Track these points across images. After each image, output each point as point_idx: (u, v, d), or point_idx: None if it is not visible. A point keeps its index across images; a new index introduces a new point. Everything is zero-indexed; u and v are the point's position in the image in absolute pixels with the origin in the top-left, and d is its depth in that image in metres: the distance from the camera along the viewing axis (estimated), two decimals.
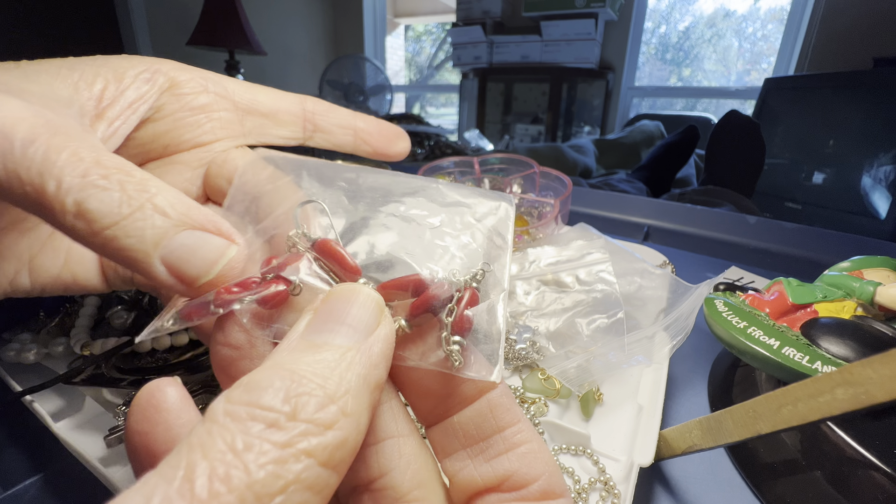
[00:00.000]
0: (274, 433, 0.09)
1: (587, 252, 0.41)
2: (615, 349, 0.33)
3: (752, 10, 2.29)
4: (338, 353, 0.11)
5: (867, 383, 0.16)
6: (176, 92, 0.19)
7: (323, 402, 0.10)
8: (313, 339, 0.12)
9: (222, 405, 0.10)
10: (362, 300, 0.13)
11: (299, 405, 0.10)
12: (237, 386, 0.10)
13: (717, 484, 0.30)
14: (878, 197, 1.16)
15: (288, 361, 0.11)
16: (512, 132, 2.35)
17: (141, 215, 0.13)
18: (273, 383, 0.10)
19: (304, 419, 0.10)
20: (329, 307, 0.12)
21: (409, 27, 3.34)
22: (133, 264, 0.13)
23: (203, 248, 0.13)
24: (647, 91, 2.32)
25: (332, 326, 0.12)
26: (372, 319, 0.12)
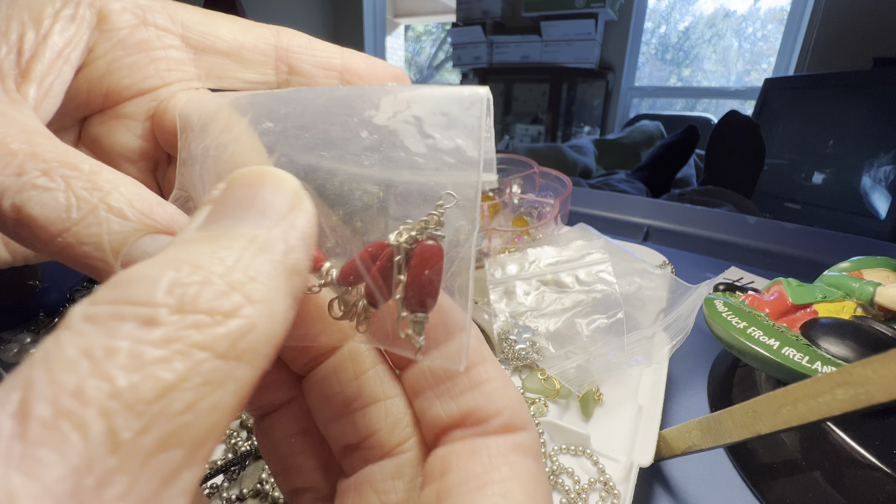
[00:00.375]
0: (150, 331, 0.08)
1: (587, 252, 0.41)
2: (615, 349, 0.33)
3: (752, 10, 2.29)
4: (244, 240, 0.09)
5: (867, 383, 0.16)
6: (105, 27, 0.16)
7: (222, 290, 0.08)
8: (213, 230, 0.10)
9: (81, 308, 0.08)
10: (271, 183, 0.11)
11: (188, 296, 0.08)
12: (103, 285, 0.08)
13: (716, 484, 0.30)
14: (878, 197, 1.16)
15: (177, 253, 0.09)
16: (512, 132, 2.35)
17: (94, 219, 0.11)
18: (150, 275, 0.08)
19: (195, 310, 0.08)
20: (231, 194, 0.10)
21: (409, 27, 3.34)
22: (95, 274, 0.12)
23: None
24: (647, 91, 2.32)
25: (235, 214, 0.10)
26: (285, 203, 0.11)
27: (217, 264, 0.09)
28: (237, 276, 0.09)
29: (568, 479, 0.27)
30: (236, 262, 0.09)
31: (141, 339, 0.07)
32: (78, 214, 0.11)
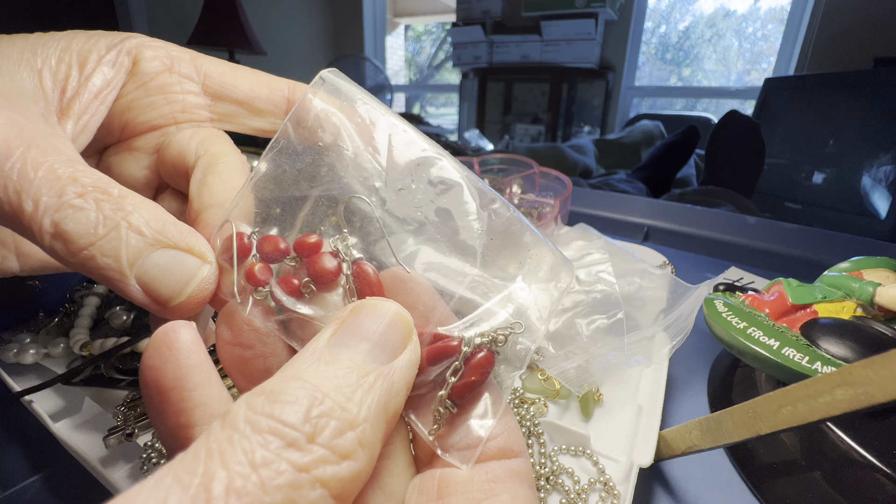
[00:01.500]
0: (293, 453, 0.09)
1: (587, 252, 0.41)
2: (615, 350, 0.33)
3: (752, 9, 2.29)
4: (360, 373, 0.11)
5: (867, 384, 0.16)
6: (135, 71, 0.18)
7: (342, 427, 0.10)
8: (337, 353, 0.11)
9: (244, 412, 0.10)
10: (391, 319, 0.12)
11: (319, 427, 0.10)
12: (259, 392, 0.10)
13: (716, 484, 0.30)
14: (878, 197, 1.16)
15: (311, 373, 0.11)
16: (512, 132, 2.35)
17: (116, 235, 0.13)
18: (296, 397, 0.10)
19: (323, 444, 0.10)
20: (357, 321, 0.12)
21: (409, 27, 3.34)
22: (110, 283, 0.13)
23: (176, 268, 0.13)
24: (647, 91, 2.32)
25: (357, 343, 0.12)
26: (399, 342, 0.12)
27: (340, 396, 0.10)
28: (354, 410, 0.10)
29: (568, 480, 0.27)
30: (352, 392, 0.11)
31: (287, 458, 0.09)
32: (104, 230, 0.13)
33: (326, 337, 0.12)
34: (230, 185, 0.16)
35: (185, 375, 0.12)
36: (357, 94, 0.16)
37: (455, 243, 0.15)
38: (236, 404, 0.10)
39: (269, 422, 0.09)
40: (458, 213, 0.15)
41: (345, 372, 0.11)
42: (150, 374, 0.12)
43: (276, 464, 0.09)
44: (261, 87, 0.20)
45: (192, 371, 0.12)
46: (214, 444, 0.09)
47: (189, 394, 0.12)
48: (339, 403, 0.10)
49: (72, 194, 0.13)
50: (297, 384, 0.10)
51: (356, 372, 0.11)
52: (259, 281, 0.14)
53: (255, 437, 0.09)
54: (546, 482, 0.26)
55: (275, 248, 0.14)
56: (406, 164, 0.15)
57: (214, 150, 0.17)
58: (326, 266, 0.14)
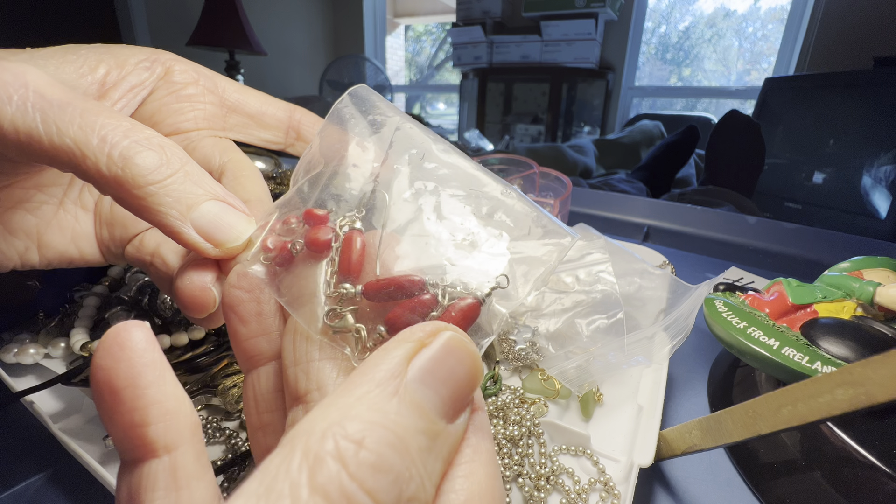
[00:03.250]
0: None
1: (587, 252, 0.41)
2: (615, 350, 0.33)
3: (753, 9, 2.29)
4: (432, 432, 0.10)
5: (867, 384, 0.16)
6: (169, 80, 0.21)
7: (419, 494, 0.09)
8: (417, 397, 0.10)
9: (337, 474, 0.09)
10: (475, 371, 0.12)
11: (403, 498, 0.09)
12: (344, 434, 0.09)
13: (716, 484, 0.30)
14: (878, 197, 1.16)
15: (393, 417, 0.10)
16: (512, 132, 2.35)
17: (180, 179, 0.14)
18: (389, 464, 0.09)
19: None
20: (442, 355, 0.11)
21: (409, 27, 3.34)
22: (164, 223, 0.14)
23: (228, 217, 0.15)
24: (647, 91, 2.32)
25: (438, 387, 0.11)
26: (467, 397, 0.12)
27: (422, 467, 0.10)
28: (429, 490, 0.10)
29: (568, 480, 0.27)
30: (426, 460, 0.10)
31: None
32: (168, 171, 0.14)
33: (402, 357, 0.11)
34: (259, 185, 0.19)
35: (139, 374, 0.11)
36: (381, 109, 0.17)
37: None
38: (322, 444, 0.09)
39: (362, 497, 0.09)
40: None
41: (424, 425, 0.10)
42: (102, 374, 0.12)
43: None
44: (268, 105, 0.23)
45: (145, 369, 0.12)
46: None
47: (143, 391, 0.11)
48: (421, 478, 0.10)
49: (138, 136, 0.14)
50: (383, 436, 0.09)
51: (430, 431, 0.10)
52: (268, 248, 0.15)
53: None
54: (546, 482, 0.26)
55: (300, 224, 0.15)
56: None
57: (238, 158, 0.20)
58: (320, 236, 0.14)
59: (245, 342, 0.15)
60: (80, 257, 0.22)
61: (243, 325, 0.15)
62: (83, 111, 0.14)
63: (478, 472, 0.11)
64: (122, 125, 0.14)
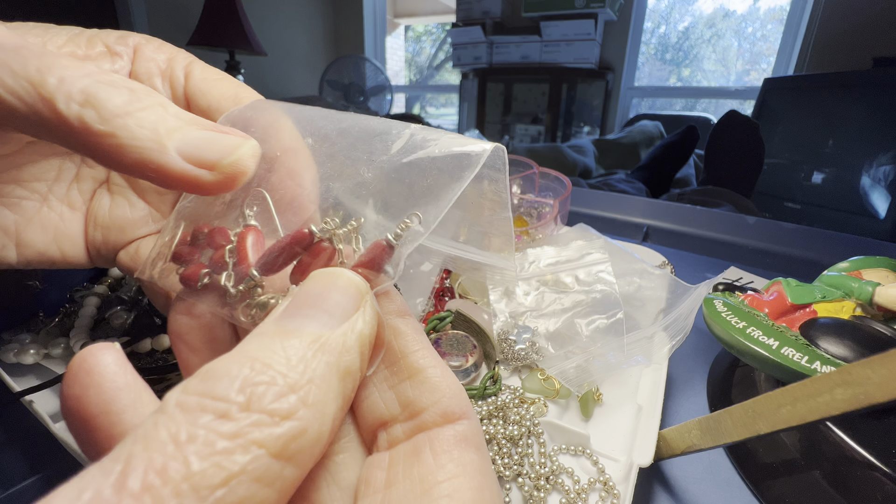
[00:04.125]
0: (223, 424, 0.09)
1: (587, 252, 0.41)
2: (614, 349, 0.33)
3: (752, 10, 2.29)
4: (308, 339, 0.11)
5: (866, 383, 0.16)
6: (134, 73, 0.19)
7: (282, 391, 0.10)
8: (285, 325, 0.11)
9: (175, 395, 0.09)
10: (342, 284, 0.12)
11: (255, 395, 0.09)
12: (195, 376, 0.10)
13: (716, 484, 0.30)
14: (878, 197, 1.16)
15: (254, 349, 0.10)
16: (512, 132, 2.35)
17: (153, 112, 0.13)
18: (230, 371, 0.10)
19: (258, 409, 0.09)
20: (306, 291, 0.12)
21: (409, 27, 3.34)
22: (141, 159, 0.12)
23: (220, 139, 0.13)
24: (646, 91, 2.32)
25: (306, 311, 0.11)
26: (350, 305, 0.12)
27: (283, 364, 0.10)
28: (296, 376, 0.10)
29: (568, 479, 0.27)
30: (298, 361, 0.10)
31: (215, 429, 0.09)
32: (139, 105, 0.13)
33: (277, 313, 0.11)
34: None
35: (111, 399, 0.11)
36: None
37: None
38: (171, 390, 0.10)
39: (199, 399, 0.09)
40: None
41: (294, 342, 0.10)
42: (72, 404, 0.11)
43: (203, 436, 0.09)
44: (227, 101, 0.19)
45: (118, 394, 0.11)
46: (140, 430, 0.09)
47: (118, 417, 0.11)
48: (281, 371, 0.10)
49: (101, 76, 0.13)
50: (235, 359, 0.10)
51: (303, 340, 0.11)
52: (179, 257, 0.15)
53: (182, 416, 0.09)
54: (546, 482, 0.26)
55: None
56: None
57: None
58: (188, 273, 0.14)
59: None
60: (61, 258, 0.20)
61: (194, 353, 0.14)
62: (41, 54, 0.12)
63: (462, 487, 0.11)
64: (83, 67, 0.13)
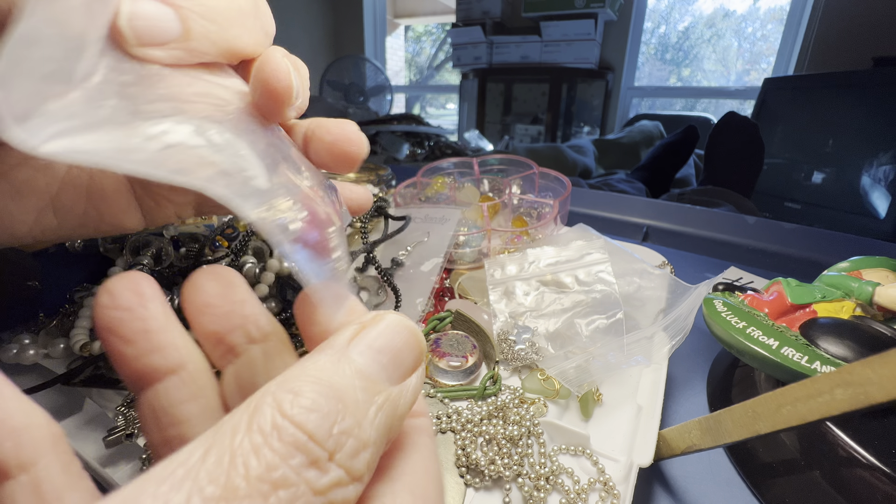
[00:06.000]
0: (312, 473, 0.09)
1: (586, 252, 0.41)
2: (614, 350, 0.33)
3: (752, 10, 2.29)
4: (373, 389, 0.11)
5: (866, 383, 0.16)
6: None
7: (357, 447, 0.10)
8: (356, 360, 0.11)
9: (271, 414, 0.09)
10: (409, 338, 0.12)
11: (339, 445, 0.09)
12: (287, 390, 0.10)
13: (716, 484, 0.30)
14: (878, 197, 1.16)
15: (335, 378, 0.10)
16: (512, 132, 2.35)
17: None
18: (319, 404, 0.10)
19: (341, 464, 0.09)
20: (377, 330, 0.12)
21: (409, 28, 3.34)
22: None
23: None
24: (646, 91, 2.32)
25: (374, 354, 0.11)
26: (411, 364, 0.12)
27: (357, 410, 0.10)
28: (367, 430, 0.10)
29: (567, 480, 0.27)
30: (367, 409, 0.10)
31: (308, 479, 0.09)
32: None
33: (346, 337, 0.12)
34: None
35: (149, 317, 0.12)
36: None
37: None
38: (263, 399, 0.10)
39: (296, 432, 0.09)
40: None
41: (361, 383, 0.11)
42: (112, 316, 0.11)
43: (296, 486, 0.09)
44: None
45: (154, 314, 0.12)
46: (239, 449, 0.09)
47: (154, 336, 0.12)
48: (357, 420, 0.10)
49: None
50: (320, 388, 0.10)
51: (370, 387, 0.11)
52: None
53: (280, 447, 0.09)
54: (546, 482, 0.26)
55: None
56: None
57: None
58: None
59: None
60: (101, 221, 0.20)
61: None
62: None
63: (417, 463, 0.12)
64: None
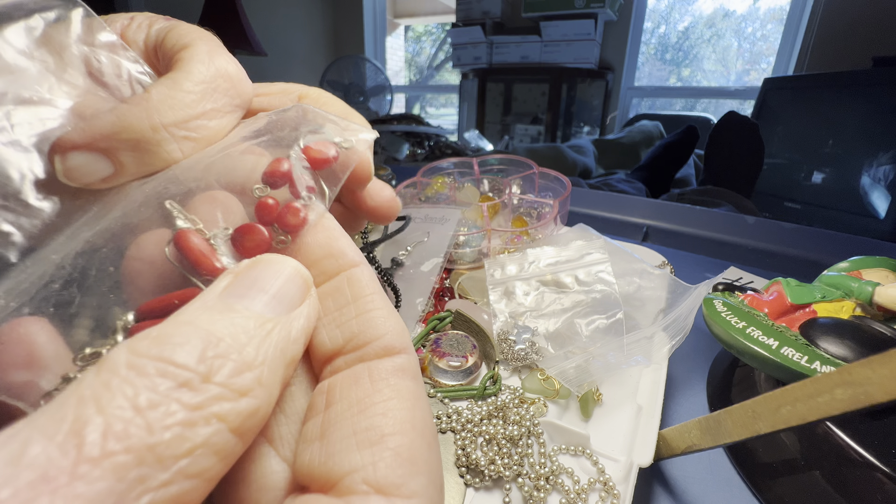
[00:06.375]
0: (185, 393, 0.09)
1: (586, 252, 0.41)
2: (614, 350, 0.33)
3: (752, 10, 2.29)
4: (257, 321, 0.11)
5: (866, 383, 0.16)
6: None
7: (239, 367, 0.10)
8: (232, 303, 0.11)
9: (125, 356, 0.09)
10: (289, 274, 0.12)
11: (214, 367, 0.09)
12: (143, 337, 0.10)
13: (716, 484, 0.30)
14: (878, 197, 1.16)
15: (203, 321, 0.10)
16: (511, 132, 2.35)
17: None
18: (188, 340, 0.09)
19: (219, 382, 0.09)
20: (254, 274, 0.12)
21: (409, 27, 3.34)
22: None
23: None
24: (646, 91, 2.32)
25: (254, 294, 0.11)
26: (297, 296, 0.12)
27: (236, 340, 0.10)
28: (251, 355, 0.10)
29: (567, 480, 0.27)
30: (250, 340, 0.10)
31: (178, 399, 0.09)
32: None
33: (220, 288, 0.12)
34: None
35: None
36: None
37: None
38: (113, 351, 0.09)
39: (157, 364, 0.09)
40: None
41: (241, 320, 0.11)
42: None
43: (166, 405, 0.08)
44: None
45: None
46: (88, 391, 0.08)
47: None
48: (236, 347, 0.10)
49: None
50: (189, 329, 0.10)
51: (253, 320, 0.11)
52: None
53: (140, 380, 0.09)
54: (546, 482, 0.26)
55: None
56: None
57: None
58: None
59: None
60: None
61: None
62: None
63: (396, 407, 0.12)
64: None
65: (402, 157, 1.62)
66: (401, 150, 1.63)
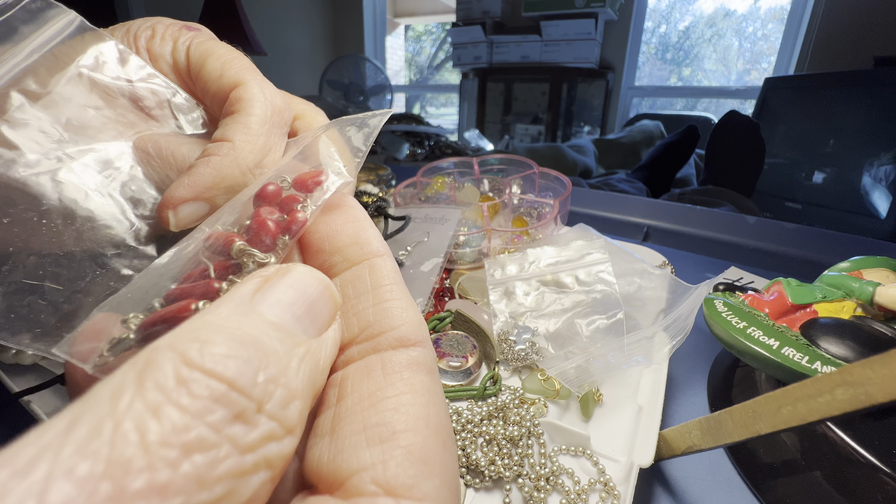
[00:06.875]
0: (238, 428, 0.08)
1: (587, 252, 0.41)
2: (615, 350, 0.33)
3: (753, 9, 2.29)
4: (292, 341, 0.10)
5: (867, 384, 0.16)
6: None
7: (287, 397, 0.09)
8: (265, 313, 0.10)
9: (173, 366, 0.07)
10: (323, 291, 0.12)
11: (268, 393, 0.08)
12: (191, 337, 0.08)
13: (716, 484, 0.29)
14: (878, 196, 1.16)
15: (245, 325, 0.09)
16: (512, 132, 2.35)
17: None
18: (238, 352, 0.08)
19: (272, 415, 0.08)
20: (287, 281, 0.11)
21: (409, 27, 3.34)
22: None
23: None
24: (647, 91, 2.32)
25: (286, 306, 0.11)
26: (327, 317, 0.12)
27: (279, 359, 0.09)
28: (294, 379, 0.09)
29: (568, 480, 0.27)
30: (290, 360, 0.09)
31: (232, 437, 0.07)
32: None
33: (250, 290, 0.10)
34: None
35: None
36: None
37: None
38: (155, 354, 0.08)
39: (212, 383, 0.07)
40: None
41: (277, 335, 0.10)
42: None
43: (217, 447, 0.07)
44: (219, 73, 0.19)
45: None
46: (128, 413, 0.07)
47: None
48: (282, 369, 0.09)
49: None
50: (233, 335, 0.09)
51: (287, 339, 0.10)
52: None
53: (191, 403, 0.07)
54: (546, 482, 0.26)
55: None
56: None
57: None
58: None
59: None
60: None
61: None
62: None
63: (409, 402, 0.11)
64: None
65: (402, 157, 1.62)
66: (401, 150, 1.63)
